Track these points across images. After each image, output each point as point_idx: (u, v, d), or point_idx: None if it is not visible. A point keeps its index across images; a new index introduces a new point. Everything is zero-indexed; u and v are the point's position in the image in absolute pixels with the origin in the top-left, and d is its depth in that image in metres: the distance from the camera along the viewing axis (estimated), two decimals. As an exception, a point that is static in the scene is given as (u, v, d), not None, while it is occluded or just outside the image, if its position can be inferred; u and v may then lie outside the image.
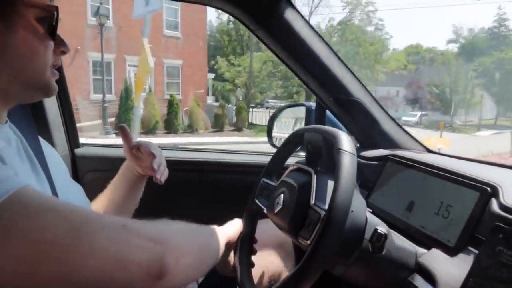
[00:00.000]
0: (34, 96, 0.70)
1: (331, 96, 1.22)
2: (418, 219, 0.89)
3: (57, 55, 0.70)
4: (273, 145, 1.59)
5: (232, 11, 1.15)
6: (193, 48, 18.91)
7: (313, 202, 0.74)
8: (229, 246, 0.89)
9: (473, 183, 0.80)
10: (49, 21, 0.64)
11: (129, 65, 16.91)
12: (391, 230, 0.78)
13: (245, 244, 0.94)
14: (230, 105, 19.43)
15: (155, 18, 16.82)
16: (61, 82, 1.40)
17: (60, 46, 0.70)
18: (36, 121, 0.82)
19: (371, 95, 1.24)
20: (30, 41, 0.63)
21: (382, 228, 0.74)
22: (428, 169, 0.94)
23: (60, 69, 1.37)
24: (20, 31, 0.61)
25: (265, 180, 0.97)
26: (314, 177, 0.78)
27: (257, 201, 0.95)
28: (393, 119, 1.27)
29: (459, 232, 0.77)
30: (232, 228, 0.92)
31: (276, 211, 0.83)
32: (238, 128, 17.14)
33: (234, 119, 17.46)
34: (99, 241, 0.49)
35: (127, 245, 0.51)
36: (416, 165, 0.99)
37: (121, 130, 0.97)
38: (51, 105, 1.34)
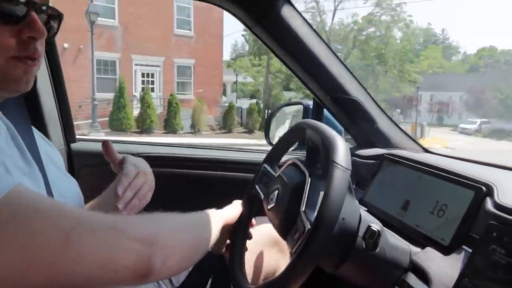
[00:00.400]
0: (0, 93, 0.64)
1: (328, 95, 1.22)
2: (413, 218, 0.89)
3: (25, 41, 0.60)
4: (270, 143, 1.59)
5: (230, 8, 1.14)
6: (207, 47, 18.53)
7: (303, 209, 0.73)
8: (226, 229, 0.88)
9: (468, 182, 0.80)
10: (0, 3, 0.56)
11: (136, 64, 16.93)
12: (385, 228, 0.78)
13: (242, 227, 0.93)
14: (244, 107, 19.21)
15: (165, 16, 16.89)
16: (58, 75, 1.39)
17: (27, 31, 0.60)
18: (31, 115, 0.81)
19: (369, 94, 1.24)
20: None
21: (376, 225, 0.73)
22: (424, 168, 0.94)
23: (55, 62, 1.36)
24: None
25: (266, 166, 0.97)
26: (308, 181, 0.78)
27: (256, 187, 0.96)
28: (390, 118, 1.27)
29: (453, 231, 0.76)
30: (232, 211, 0.91)
31: (269, 207, 0.83)
32: (249, 130, 16.95)
33: (246, 120, 17.33)
34: (89, 246, 0.49)
35: (116, 249, 0.51)
36: (412, 164, 0.99)
37: (104, 145, 0.86)
38: (47, 98, 1.34)
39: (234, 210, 0.93)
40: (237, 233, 0.93)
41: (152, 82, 17.71)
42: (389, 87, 23.44)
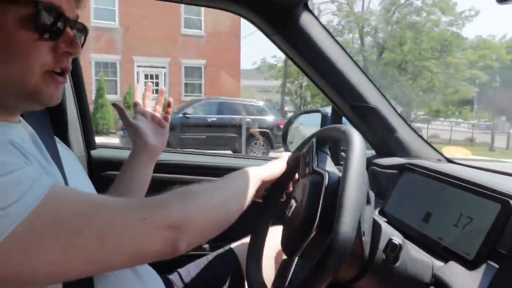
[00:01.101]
0: (28, 106, 0.65)
1: (347, 103, 1.20)
2: (435, 230, 0.86)
3: (61, 56, 0.62)
4: (287, 151, 1.58)
5: (249, 16, 1.14)
6: (221, 47, 17.55)
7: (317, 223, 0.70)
8: (263, 187, 0.89)
9: (494, 194, 0.77)
10: (40, 18, 0.57)
11: (138, 66, 16.74)
12: (406, 241, 0.76)
13: (278, 188, 0.95)
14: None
15: (172, 16, 16.40)
16: (78, 82, 1.41)
17: (64, 46, 0.62)
18: (53, 121, 0.82)
19: (388, 101, 1.22)
20: (3, 44, 0.56)
21: (397, 238, 0.71)
22: (447, 179, 0.91)
23: (76, 69, 1.39)
24: None
25: (317, 147, 0.88)
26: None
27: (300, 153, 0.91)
28: (410, 127, 1.25)
29: (478, 245, 0.74)
30: (274, 169, 0.91)
31: (289, 214, 0.81)
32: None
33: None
34: (122, 240, 0.53)
35: (146, 239, 0.55)
36: (434, 174, 0.96)
37: (115, 107, 1.04)
38: (69, 105, 1.36)
39: (275, 168, 0.92)
40: (271, 194, 0.94)
41: (157, 84, 17.07)
42: (443, 86, 19.32)
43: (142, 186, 1.00)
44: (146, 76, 17.21)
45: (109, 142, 9.30)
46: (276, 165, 0.93)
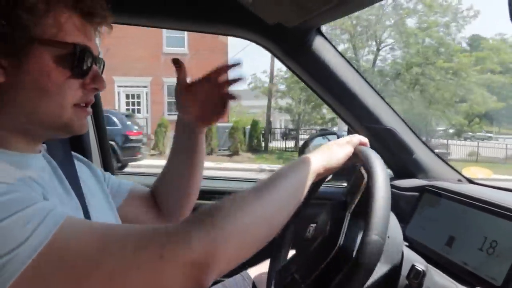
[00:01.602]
0: (57, 135, 0.68)
1: (362, 125, 1.20)
2: (459, 254, 0.84)
3: (89, 91, 0.66)
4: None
5: (264, 43, 1.16)
6: (206, 64, 16.66)
7: (341, 242, 0.70)
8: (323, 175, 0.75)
9: None
10: (72, 58, 0.61)
11: (119, 86, 16.58)
12: (430, 266, 0.74)
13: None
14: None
15: (153, 36, 16.22)
16: (98, 110, 1.45)
17: (92, 83, 0.66)
18: (72, 147, 0.84)
19: (405, 122, 1.21)
20: (41, 82, 0.59)
21: (420, 264, 0.70)
22: (469, 201, 0.89)
23: (95, 97, 1.42)
24: (31, 71, 0.59)
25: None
26: (348, 216, 0.74)
27: None
28: (428, 147, 1.23)
29: (506, 270, 0.71)
30: (337, 157, 0.77)
31: (310, 235, 0.81)
32: (233, 152, 15.06)
33: (229, 142, 15.47)
34: (134, 282, 0.49)
35: (163, 280, 0.50)
36: (456, 196, 0.94)
37: (175, 62, 0.89)
38: (87, 132, 1.38)
39: (339, 155, 0.77)
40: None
41: (138, 103, 17.09)
42: (450, 96, 16.68)
43: (202, 151, 0.92)
44: (127, 96, 17.10)
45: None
46: (340, 150, 0.78)
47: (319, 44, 1.11)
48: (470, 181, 1.17)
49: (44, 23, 0.59)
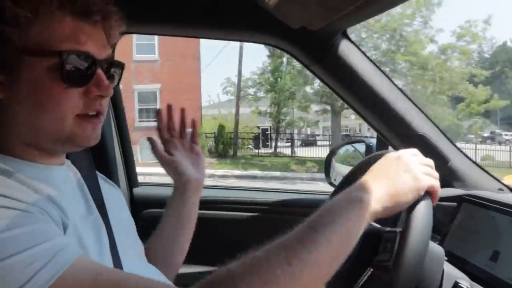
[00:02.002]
0: (66, 148, 0.65)
1: (393, 131, 1.14)
2: (506, 270, 0.77)
3: (93, 100, 0.61)
4: (331, 184, 1.51)
5: (287, 48, 1.13)
6: (178, 70, 16.77)
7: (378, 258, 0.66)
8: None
9: None
10: (65, 67, 0.56)
11: None
12: (474, 284, 0.67)
13: None
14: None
15: (123, 45, 16.36)
16: (121, 121, 1.45)
17: (96, 90, 0.60)
18: (95, 160, 0.83)
19: (438, 128, 1.14)
20: (37, 95, 0.56)
21: (464, 281, 0.64)
22: None
23: (119, 108, 1.42)
24: (25, 84, 0.56)
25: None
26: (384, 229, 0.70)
27: None
28: (464, 154, 1.15)
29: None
30: (403, 195, 0.61)
31: None
32: (219, 155, 15.35)
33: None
34: None
35: None
36: (499, 207, 0.87)
37: (150, 141, 0.93)
38: (111, 144, 1.39)
39: (404, 193, 0.62)
40: None
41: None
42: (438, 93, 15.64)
43: (190, 220, 0.93)
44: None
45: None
46: (411, 182, 0.62)
47: (345, 47, 1.07)
48: (512, 189, 1.09)
49: (29, 32, 0.55)
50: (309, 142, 22.28)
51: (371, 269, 0.65)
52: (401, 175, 0.62)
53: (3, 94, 0.56)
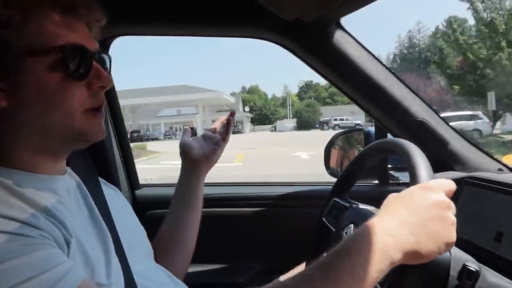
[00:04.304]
0: (74, 146, 0.65)
1: (392, 119, 1.14)
2: (511, 250, 0.77)
3: (96, 92, 0.61)
4: (332, 174, 1.51)
5: (280, 41, 1.13)
6: None
7: None
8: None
9: None
10: (65, 61, 0.56)
11: None
12: (481, 265, 0.68)
13: None
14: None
15: None
16: (119, 121, 1.44)
17: (97, 81, 0.61)
18: (96, 164, 0.82)
19: (437, 113, 1.15)
20: (42, 94, 0.56)
21: (473, 264, 0.64)
22: None
23: (116, 107, 1.41)
24: (29, 86, 0.55)
25: (337, 200, 0.91)
26: None
27: (324, 220, 0.90)
28: (464, 137, 1.16)
29: None
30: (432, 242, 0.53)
31: None
32: None
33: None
34: None
35: None
36: (500, 187, 0.87)
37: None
38: (110, 146, 1.38)
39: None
40: None
41: None
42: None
43: (196, 207, 0.97)
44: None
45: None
46: (439, 241, 0.53)
47: (339, 37, 1.07)
48: (512, 169, 1.09)
49: (26, 33, 0.55)
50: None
51: None
52: (436, 225, 0.53)
53: (6, 102, 0.55)
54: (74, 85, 0.58)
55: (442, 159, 1.14)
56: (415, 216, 0.53)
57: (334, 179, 1.02)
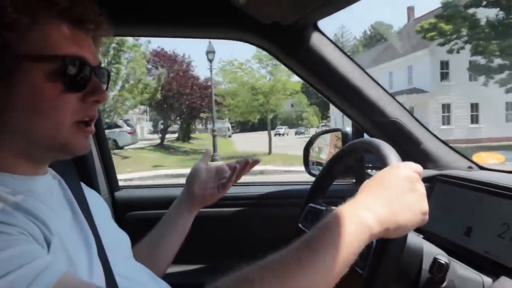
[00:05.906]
0: (58, 157, 0.64)
1: (367, 119, 1.18)
2: (480, 243, 0.81)
3: (90, 105, 0.61)
4: (311, 174, 1.54)
5: (259, 43, 1.15)
6: None
7: None
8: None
9: None
10: (64, 71, 0.57)
11: None
12: (451, 258, 0.71)
13: None
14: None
15: None
16: (98, 124, 1.43)
17: (92, 95, 0.61)
18: (76, 165, 0.82)
19: (410, 113, 1.19)
20: (34, 101, 0.56)
21: (443, 257, 0.67)
22: (484, 187, 0.87)
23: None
24: (22, 90, 0.55)
25: (312, 205, 0.92)
26: None
27: (300, 226, 0.91)
28: (436, 137, 1.21)
29: (530, 256, 0.69)
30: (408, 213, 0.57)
31: None
32: None
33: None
34: None
35: None
36: (470, 184, 0.92)
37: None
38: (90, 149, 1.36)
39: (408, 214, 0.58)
40: None
41: None
42: None
43: (180, 236, 0.97)
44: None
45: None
46: (414, 199, 0.60)
47: (317, 40, 1.10)
48: (481, 167, 1.15)
49: (29, 38, 0.55)
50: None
51: None
52: (409, 196, 0.59)
53: None
54: (68, 95, 0.58)
55: (414, 157, 1.19)
56: (388, 190, 0.58)
57: (313, 178, 1.05)
